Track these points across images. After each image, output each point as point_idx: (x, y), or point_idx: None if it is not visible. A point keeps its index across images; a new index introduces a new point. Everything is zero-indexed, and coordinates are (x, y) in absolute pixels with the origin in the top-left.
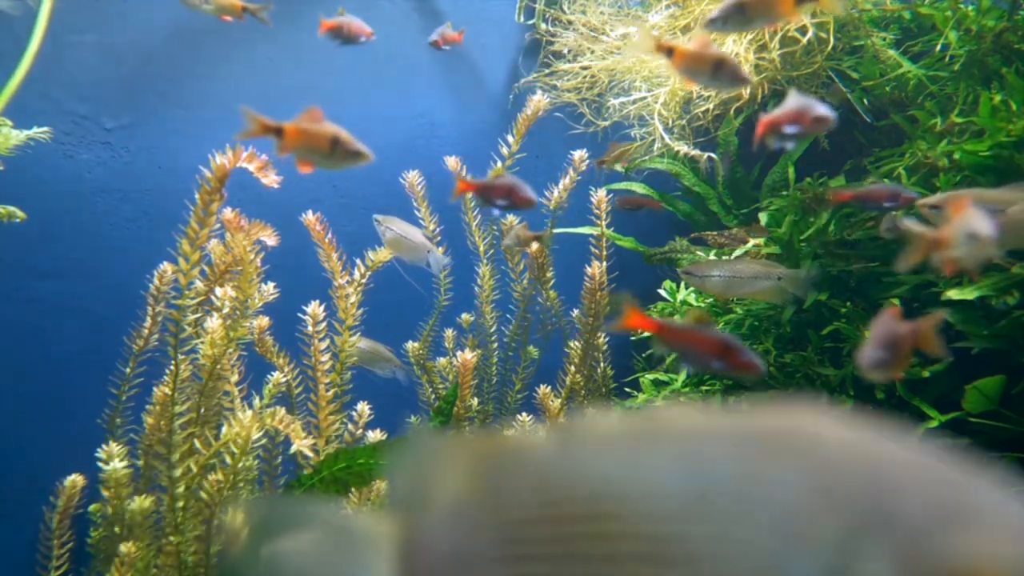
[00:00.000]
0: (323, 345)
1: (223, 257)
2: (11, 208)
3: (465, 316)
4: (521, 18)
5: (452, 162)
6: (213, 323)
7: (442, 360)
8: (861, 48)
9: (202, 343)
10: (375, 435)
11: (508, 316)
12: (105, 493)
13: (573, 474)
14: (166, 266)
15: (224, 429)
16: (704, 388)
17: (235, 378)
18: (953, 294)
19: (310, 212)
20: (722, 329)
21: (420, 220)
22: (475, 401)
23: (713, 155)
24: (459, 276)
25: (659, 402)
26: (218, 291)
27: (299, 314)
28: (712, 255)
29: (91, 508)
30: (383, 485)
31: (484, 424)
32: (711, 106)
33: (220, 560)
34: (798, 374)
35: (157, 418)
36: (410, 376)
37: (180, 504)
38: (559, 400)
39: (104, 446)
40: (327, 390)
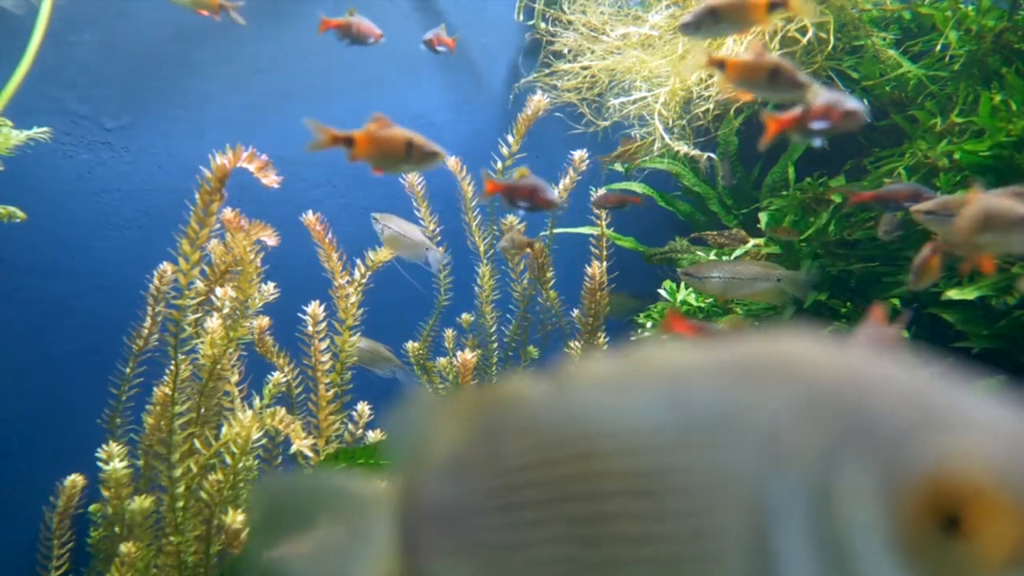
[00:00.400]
0: (323, 345)
1: (223, 257)
2: (11, 208)
3: (465, 316)
4: (521, 18)
5: (452, 162)
6: (213, 323)
7: (442, 360)
8: (861, 48)
9: (202, 343)
10: (375, 435)
11: (508, 316)
12: (105, 493)
13: (563, 417)
14: (166, 266)
15: (224, 429)
16: None
17: (235, 378)
18: (953, 294)
19: (310, 212)
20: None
21: (420, 220)
22: None
23: (713, 155)
24: (459, 276)
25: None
26: (218, 291)
27: (299, 314)
28: (712, 255)
29: (91, 508)
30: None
31: None
32: (711, 106)
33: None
34: None
35: (157, 418)
36: (410, 376)
37: (180, 504)
38: None
39: (104, 446)
40: (327, 390)
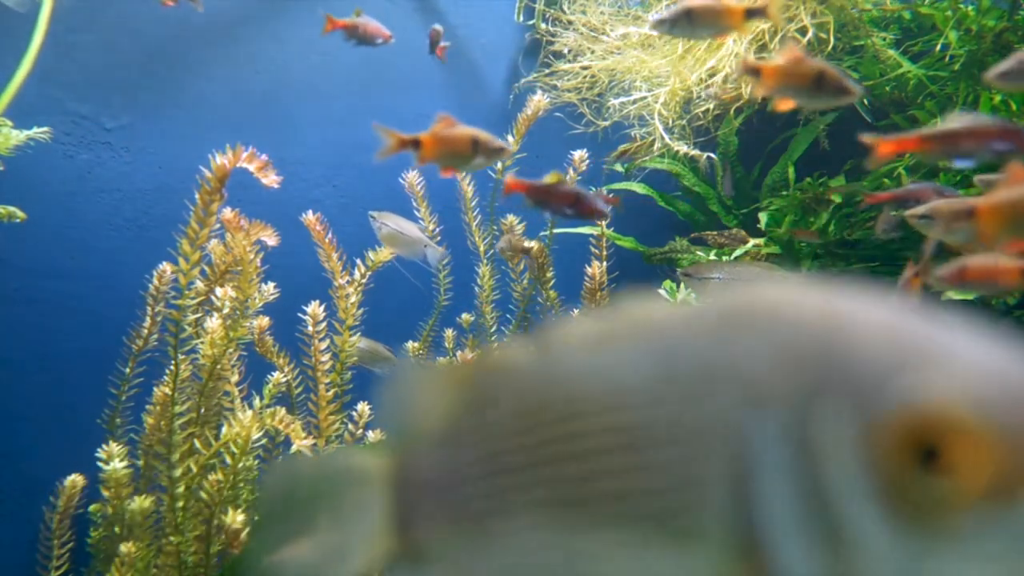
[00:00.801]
0: (323, 345)
1: (223, 257)
2: (11, 208)
3: (465, 316)
4: (521, 18)
5: None
6: (213, 323)
7: (442, 360)
8: (861, 48)
9: (202, 343)
10: (375, 435)
11: (508, 316)
12: (105, 493)
13: (548, 380)
14: (166, 266)
15: (224, 429)
16: None
17: (235, 378)
18: (953, 294)
19: (310, 212)
20: None
21: (420, 220)
22: None
23: (712, 155)
24: (459, 276)
25: None
26: (218, 291)
27: (299, 314)
28: (712, 255)
29: (91, 508)
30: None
31: None
32: (711, 106)
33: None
34: None
35: (157, 418)
36: None
37: (180, 504)
38: None
39: (104, 446)
40: (327, 390)
